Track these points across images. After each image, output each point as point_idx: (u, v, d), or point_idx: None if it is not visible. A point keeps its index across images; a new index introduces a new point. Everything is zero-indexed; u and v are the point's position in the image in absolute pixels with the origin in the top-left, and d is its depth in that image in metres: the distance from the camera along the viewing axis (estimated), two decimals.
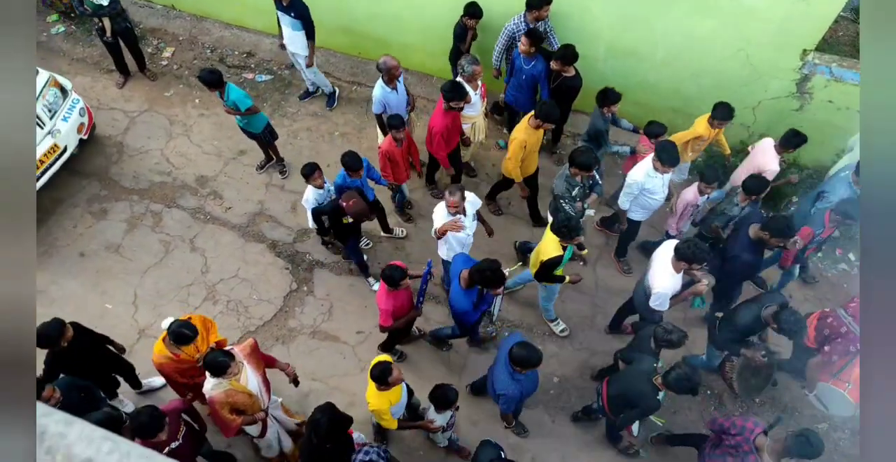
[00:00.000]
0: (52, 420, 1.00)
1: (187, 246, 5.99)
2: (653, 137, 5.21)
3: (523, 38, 5.29)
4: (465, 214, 4.66)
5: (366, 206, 4.75)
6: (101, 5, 6.10)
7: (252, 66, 7.29)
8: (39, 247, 5.88)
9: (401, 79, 5.44)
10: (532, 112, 5.03)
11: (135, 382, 4.90)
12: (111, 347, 4.61)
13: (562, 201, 4.95)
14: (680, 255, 4.21)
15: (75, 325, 4.22)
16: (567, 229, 4.34)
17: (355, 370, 5.26)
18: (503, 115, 6.62)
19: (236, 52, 7.39)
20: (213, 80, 5.29)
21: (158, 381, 5.00)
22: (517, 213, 6.19)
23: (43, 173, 5.77)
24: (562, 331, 5.46)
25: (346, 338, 5.45)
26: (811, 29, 5.17)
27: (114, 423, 3.82)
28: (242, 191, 6.36)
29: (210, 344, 4.12)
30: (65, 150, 5.92)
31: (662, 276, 4.33)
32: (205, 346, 4.06)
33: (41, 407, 1.04)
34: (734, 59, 5.57)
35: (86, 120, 6.14)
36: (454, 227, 4.59)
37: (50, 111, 5.78)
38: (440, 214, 4.68)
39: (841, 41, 7.06)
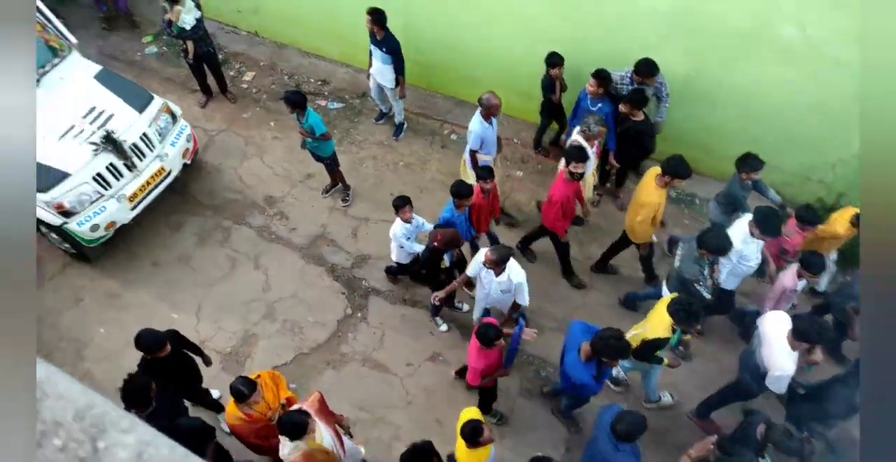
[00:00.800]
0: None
1: (251, 263, 6.21)
2: (804, 224, 4.76)
3: (591, 80, 5.28)
4: (495, 275, 4.53)
5: (454, 231, 4.76)
6: (184, 28, 6.51)
7: (326, 93, 7.58)
8: (119, 253, 6.22)
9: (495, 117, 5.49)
10: (655, 170, 4.89)
11: (199, 395, 5.05)
12: (198, 359, 4.78)
13: (696, 285, 4.61)
14: (800, 336, 3.92)
15: (173, 333, 4.43)
16: (686, 314, 4.05)
17: (401, 403, 5.28)
18: (548, 155, 6.65)
19: (312, 80, 7.71)
20: (297, 101, 5.53)
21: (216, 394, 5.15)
22: (550, 261, 6.05)
23: (148, 194, 6.02)
24: (619, 384, 5.29)
25: (395, 369, 5.49)
26: None
27: (206, 433, 3.95)
28: (307, 213, 6.57)
29: (281, 400, 4.10)
30: (169, 173, 6.17)
31: (782, 356, 4.01)
32: (276, 403, 4.05)
33: (147, 431, 1.04)
34: (815, 111, 5.40)
35: (191, 146, 6.39)
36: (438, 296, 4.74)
37: (160, 135, 6.02)
38: (476, 262, 4.66)
39: None
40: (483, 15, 6.12)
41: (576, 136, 5.22)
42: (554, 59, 5.60)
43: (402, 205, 5.01)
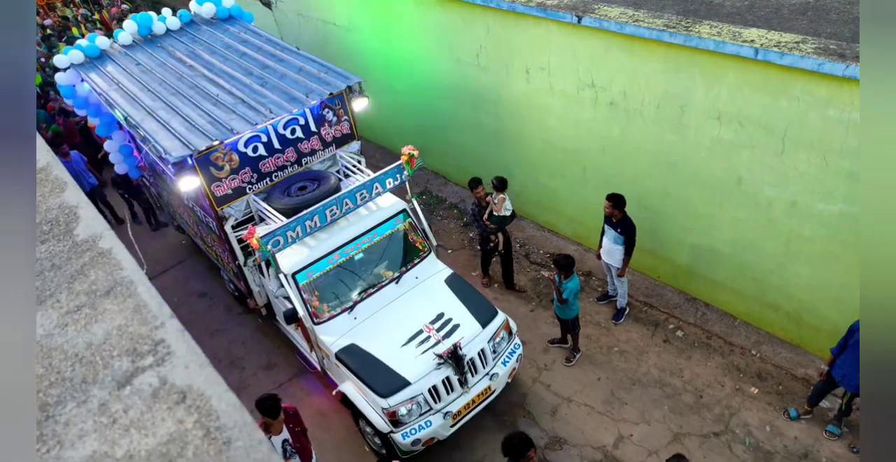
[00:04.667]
0: None
1: None
2: None
3: None
4: None
5: None
6: (505, 217, 6.70)
7: (551, 266, 7.93)
8: None
9: None
10: None
11: None
12: None
13: None
14: None
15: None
16: None
17: None
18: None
19: (541, 251, 8.18)
20: (565, 265, 5.77)
21: None
22: None
23: (469, 413, 5.58)
24: None
25: None
26: None
27: None
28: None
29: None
30: (493, 393, 5.73)
31: None
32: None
33: None
34: None
35: (517, 365, 5.94)
36: None
37: (494, 353, 5.65)
38: None
39: None
40: (730, 220, 6.09)
41: None
42: None
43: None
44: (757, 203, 5.74)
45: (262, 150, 6.05)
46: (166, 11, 7.98)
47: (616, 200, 6.15)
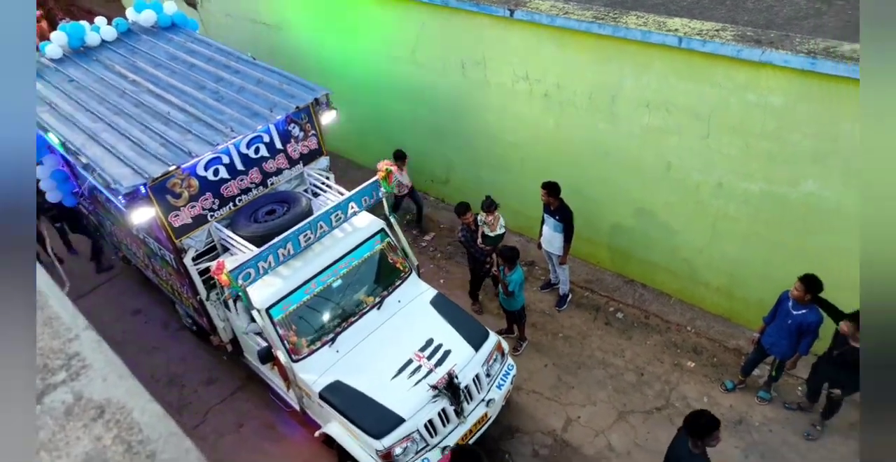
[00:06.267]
0: None
1: None
2: None
3: (797, 283, 4.95)
4: None
5: None
6: (500, 235, 6.56)
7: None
8: None
9: None
10: None
11: None
12: None
13: None
14: None
15: None
16: None
17: None
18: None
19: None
20: (510, 256, 5.83)
21: None
22: None
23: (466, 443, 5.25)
24: None
25: None
26: None
27: None
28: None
29: None
30: (489, 420, 5.46)
31: None
32: None
33: None
34: None
35: (512, 387, 5.71)
36: None
37: (488, 376, 5.38)
38: None
39: None
40: (661, 204, 6.34)
41: None
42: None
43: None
44: (686, 187, 6.00)
45: (223, 173, 5.49)
46: (100, 20, 7.21)
47: (551, 188, 6.27)
